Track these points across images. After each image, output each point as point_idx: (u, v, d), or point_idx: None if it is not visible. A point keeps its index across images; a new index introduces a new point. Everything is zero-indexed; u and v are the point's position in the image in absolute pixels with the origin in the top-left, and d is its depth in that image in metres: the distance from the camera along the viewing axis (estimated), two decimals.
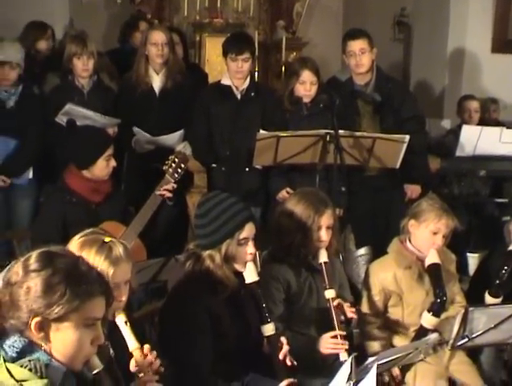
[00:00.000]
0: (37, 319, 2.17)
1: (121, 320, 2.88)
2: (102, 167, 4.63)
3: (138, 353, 2.84)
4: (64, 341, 2.21)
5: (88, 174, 4.62)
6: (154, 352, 2.86)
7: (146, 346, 2.86)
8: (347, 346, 3.69)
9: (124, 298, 2.94)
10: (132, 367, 2.84)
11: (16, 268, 2.23)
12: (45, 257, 2.23)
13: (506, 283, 4.18)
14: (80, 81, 5.84)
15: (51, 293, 2.16)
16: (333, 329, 3.74)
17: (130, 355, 2.86)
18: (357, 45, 5.66)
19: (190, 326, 3.30)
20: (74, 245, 2.90)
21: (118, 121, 5.77)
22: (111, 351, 2.91)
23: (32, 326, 2.17)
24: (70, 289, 2.17)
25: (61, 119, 5.70)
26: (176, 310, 3.37)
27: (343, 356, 3.67)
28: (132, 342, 2.86)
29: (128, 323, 2.89)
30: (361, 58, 5.67)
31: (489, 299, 4.19)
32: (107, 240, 2.91)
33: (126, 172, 6.04)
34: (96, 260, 2.84)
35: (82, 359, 2.28)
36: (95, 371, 2.40)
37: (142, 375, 2.82)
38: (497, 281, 4.18)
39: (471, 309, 3.78)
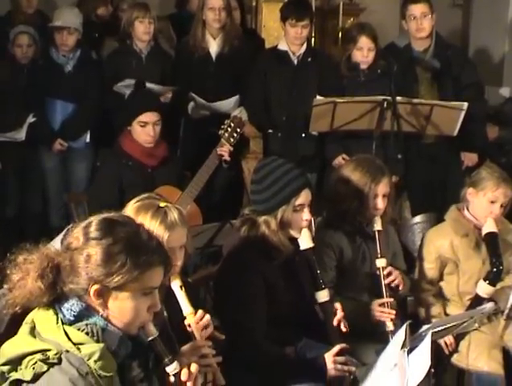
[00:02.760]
0: (96, 287, 2.17)
1: (176, 285, 2.89)
2: (138, 132, 4.66)
3: (192, 318, 2.86)
4: (121, 308, 2.22)
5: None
6: (208, 316, 2.87)
7: (200, 311, 2.88)
8: (393, 316, 3.69)
9: (179, 263, 2.95)
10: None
11: (76, 233, 2.23)
12: (106, 225, 2.22)
13: None
14: (138, 45, 5.87)
15: (111, 263, 2.16)
16: (382, 297, 3.74)
17: (184, 319, 2.89)
18: (419, 9, 5.58)
19: (245, 291, 3.32)
20: (130, 210, 2.90)
21: (171, 89, 5.78)
22: (165, 314, 2.94)
23: (91, 293, 2.18)
24: (130, 260, 2.17)
25: (119, 88, 5.73)
26: (231, 275, 3.39)
27: (389, 326, 3.69)
28: (186, 307, 2.87)
29: (183, 288, 2.90)
30: (422, 21, 5.59)
31: None
32: (162, 204, 2.92)
33: (183, 137, 6.06)
34: (151, 224, 2.84)
35: (138, 325, 2.30)
36: (150, 338, 2.43)
37: (195, 341, 2.84)
38: None
39: None
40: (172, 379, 2.48)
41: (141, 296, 2.24)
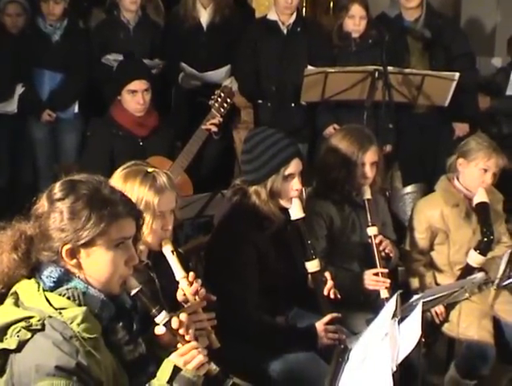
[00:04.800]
0: (67, 247, 2.19)
1: (168, 249, 2.90)
2: (128, 101, 4.66)
3: (185, 282, 2.86)
4: (96, 265, 2.23)
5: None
6: (200, 280, 2.87)
7: (191, 274, 2.87)
8: (388, 284, 3.70)
9: (170, 227, 2.95)
10: (179, 296, 2.86)
11: (42, 200, 2.25)
12: (68, 185, 2.24)
13: None
14: (125, 16, 5.83)
15: (76, 219, 2.18)
16: (375, 266, 3.75)
17: (177, 287, 2.89)
18: None
19: (236, 260, 3.32)
20: (117, 177, 2.91)
21: (160, 63, 5.76)
22: (157, 283, 2.94)
23: (63, 254, 2.20)
24: (94, 213, 2.18)
25: (108, 60, 5.70)
26: (223, 244, 3.39)
27: (383, 293, 3.70)
28: (179, 272, 2.87)
29: (175, 253, 2.90)
30: None
31: None
32: (150, 170, 2.93)
33: (174, 107, 6.04)
34: (140, 190, 2.86)
35: (118, 281, 2.30)
36: (133, 292, 2.41)
37: (189, 304, 2.84)
38: None
39: None
40: (163, 329, 2.45)
41: (114, 249, 2.24)
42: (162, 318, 2.45)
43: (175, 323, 2.45)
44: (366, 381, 2.36)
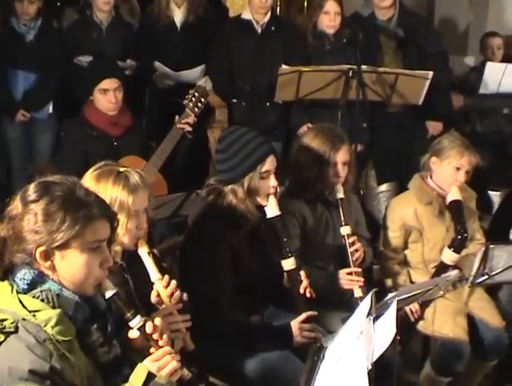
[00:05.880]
0: (41, 249, 2.18)
1: (144, 251, 2.90)
2: (100, 100, 4.65)
3: (160, 283, 2.86)
4: (70, 267, 2.22)
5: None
6: (175, 282, 2.87)
7: (167, 277, 2.87)
8: (361, 283, 3.73)
9: (145, 226, 2.95)
10: (153, 297, 2.86)
11: (15, 202, 2.24)
12: (42, 187, 2.23)
13: None
14: (98, 16, 5.81)
15: (51, 221, 2.16)
16: (349, 265, 3.76)
17: (151, 288, 2.88)
18: None
19: (211, 259, 3.31)
20: (89, 178, 2.89)
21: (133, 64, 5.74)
22: (131, 284, 2.93)
23: (37, 256, 2.18)
24: (69, 215, 2.17)
25: (79, 61, 5.67)
26: (197, 244, 3.39)
27: (357, 293, 3.72)
28: (154, 273, 2.87)
29: (151, 254, 2.90)
30: None
31: None
32: (122, 169, 2.92)
33: (148, 107, 6.02)
34: (114, 190, 2.85)
35: (93, 283, 2.29)
36: (108, 295, 2.41)
37: (163, 306, 2.83)
38: None
39: (492, 246, 3.77)
40: (136, 333, 2.45)
41: (88, 251, 2.23)
42: (136, 322, 2.45)
43: (149, 328, 2.45)
44: (342, 379, 2.36)
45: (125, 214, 2.85)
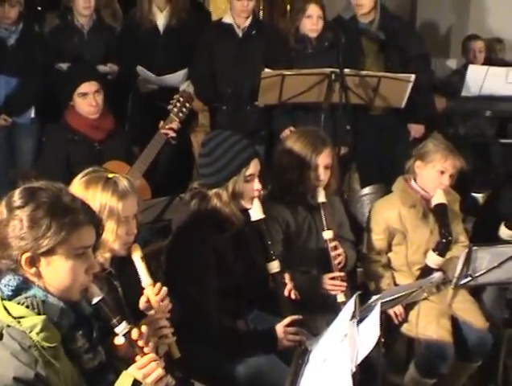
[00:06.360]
0: (27, 255, 2.17)
1: (137, 256, 2.89)
2: (80, 104, 4.64)
3: (151, 289, 2.85)
4: (56, 274, 2.22)
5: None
6: (165, 289, 2.87)
7: (159, 284, 2.87)
8: (344, 288, 3.74)
9: (135, 231, 2.94)
10: (142, 303, 2.85)
11: (1, 207, 2.23)
12: (27, 193, 2.22)
13: None
14: (79, 21, 5.79)
15: (36, 228, 2.16)
16: (332, 269, 3.77)
17: (140, 294, 2.88)
18: None
19: (196, 263, 3.31)
20: (78, 185, 2.87)
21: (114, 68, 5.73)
22: (120, 291, 2.93)
23: (23, 262, 2.18)
24: (55, 222, 2.17)
25: (60, 67, 5.65)
26: (182, 249, 3.38)
27: (340, 297, 3.74)
28: (146, 278, 2.87)
29: (144, 259, 2.90)
30: None
31: (504, 231, 4.19)
32: (110, 175, 2.90)
33: (131, 112, 6.01)
34: (103, 196, 2.83)
35: (78, 289, 2.29)
36: (94, 301, 2.40)
37: (152, 312, 2.83)
38: None
39: (475, 248, 3.78)
40: (122, 339, 2.45)
41: (74, 257, 2.23)
42: (122, 328, 2.44)
43: (134, 334, 2.44)
44: (326, 382, 2.37)
45: (115, 220, 2.85)
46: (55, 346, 2.17)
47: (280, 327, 3.29)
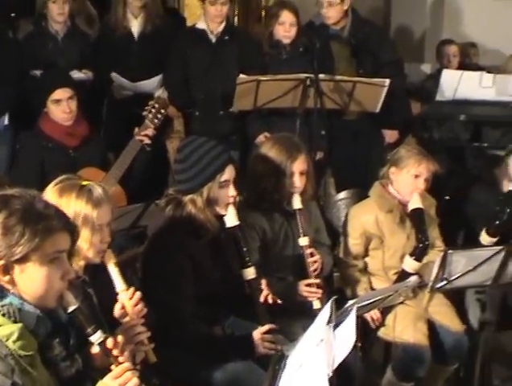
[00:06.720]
0: (0, 263, 2.16)
1: (110, 262, 2.89)
2: (53, 111, 4.63)
3: (125, 294, 2.84)
4: (30, 281, 2.20)
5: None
6: (139, 293, 2.86)
7: (132, 289, 2.86)
8: (320, 295, 3.75)
9: (109, 239, 2.93)
10: (117, 310, 2.84)
11: None
12: (0, 201, 2.21)
13: (506, 224, 4.19)
14: (54, 27, 5.76)
15: (9, 235, 2.15)
16: (308, 276, 3.77)
17: (115, 302, 2.86)
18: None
19: (171, 270, 3.30)
20: (51, 193, 2.86)
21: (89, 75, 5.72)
22: (94, 299, 2.91)
23: None
24: (28, 228, 2.16)
25: (35, 74, 5.62)
26: (157, 255, 3.37)
27: (316, 304, 3.75)
28: (120, 284, 2.86)
29: (117, 265, 2.89)
30: (328, 10, 5.65)
31: (485, 238, 4.21)
32: (85, 183, 2.89)
33: (106, 118, 5.98)
34: (77, 204, 2.82)
35: (54, 296, 2.28)
36: (70, 310, 2.39)
37: (127, 319, 2.81)
38: (497, 222, 4.19)
39: (450, 251, 3.79)
40: (97, 349, 2.43)
41: (48, 264, 2.22)
42: (97, 337, 2.43)
43: (109, 343, 2.43)
44: None
45: (89, 228, 2.84)
46: (32, 354, 2.16)
47: (257, 334, 3.29)
